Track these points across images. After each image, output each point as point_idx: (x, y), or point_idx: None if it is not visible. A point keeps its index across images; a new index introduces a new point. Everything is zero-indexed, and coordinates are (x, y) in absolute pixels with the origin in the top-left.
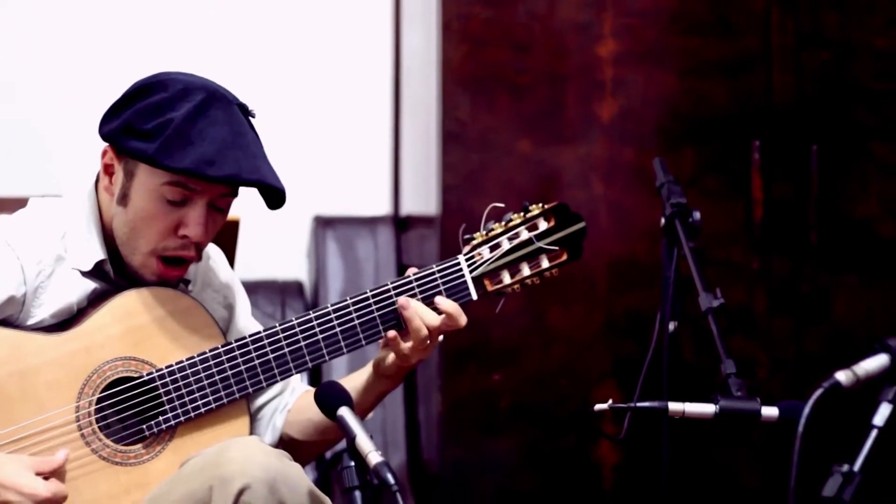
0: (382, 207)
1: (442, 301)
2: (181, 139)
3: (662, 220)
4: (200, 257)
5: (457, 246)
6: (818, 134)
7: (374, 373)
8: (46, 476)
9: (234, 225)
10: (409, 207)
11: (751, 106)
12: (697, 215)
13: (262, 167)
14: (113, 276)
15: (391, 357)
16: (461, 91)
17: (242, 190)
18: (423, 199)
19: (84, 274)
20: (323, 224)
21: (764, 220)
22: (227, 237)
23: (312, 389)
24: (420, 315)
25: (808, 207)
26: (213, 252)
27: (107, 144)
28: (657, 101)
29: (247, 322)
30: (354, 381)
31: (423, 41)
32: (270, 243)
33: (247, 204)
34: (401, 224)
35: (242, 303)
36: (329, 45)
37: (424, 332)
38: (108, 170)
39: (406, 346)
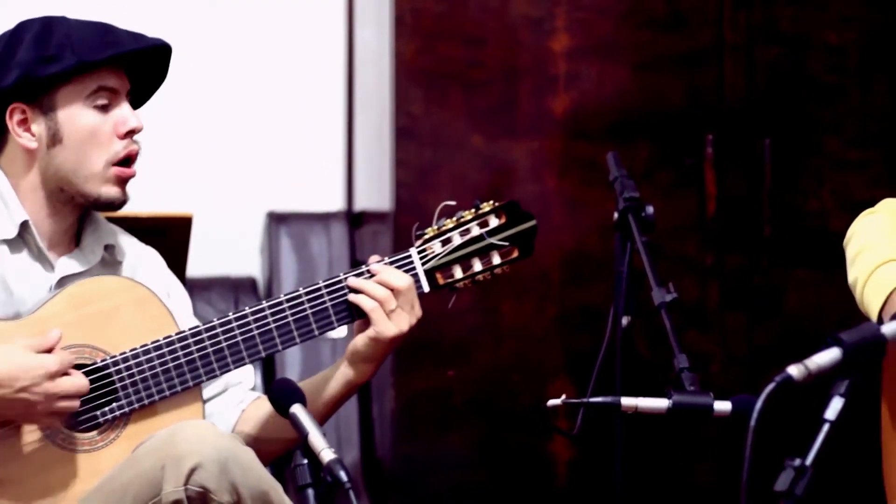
0: (336, 203)
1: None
2: (85, 41)
3: (615, 215)
4: (140, 148)
5: (410, 242)
6: (771, 128)
7: (347, 360)
8: (47, 351)
9: (187, 222)
10: (362, 203)
11: (704, 100)
12: (651, 210)
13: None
14: (38, 242)
15: (363, 337)
16: (414, 86)
17: (194, 184)
18: (376, 194)
19: (9, 243)
20: (276, 220)
21: (717, 215)
22: (180, 234)
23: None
24: (368, 292)
25: (761, 202)
26: (149, 250)
27: (12, 104)
28: (610, 95)
29: (187, 321)
30: (324, 373)
31: (376, 36)
32: (223, 240)
33: (199, 201)
34: (354, 220)
35: (182, 302)
36: (282, 40)
37: (372, 303)
38: (23, 125)
39: (372, 327)
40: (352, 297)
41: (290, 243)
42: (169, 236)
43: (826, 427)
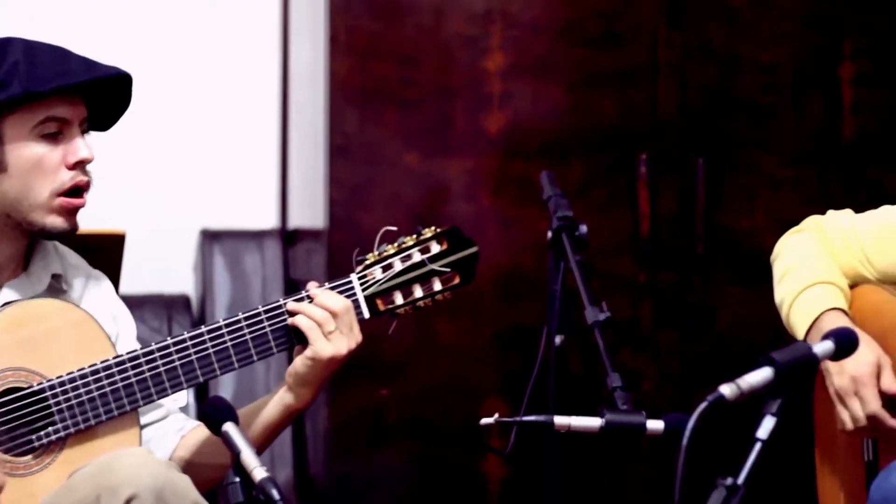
0: (270, 221)
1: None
2: (35, 69)
3: (549, 234)
4: (91, 180)
5: (344, 260)
6: (704, 147)
7: (286, 385)
8: None
9: (120, 239)
10: (296, 221)
11: (638, 119)
12: (584, 228)
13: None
14: None
15: (301, 358)
16: (348, 104)
17: (127, 202)
18: (310, 212)
19: None
20: (210, 237)
21: (650, 233)
22: (113, 251)
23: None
24: (306, 312)
25: (694, 220)
26: (96, 273)
27: None
28: (545, 114)
29: (132, 344)
30: (263, 399)
31: (311, 54)
32: (156, 257)
33: (132, 218)
34: (288, 238)
35: (128, 325)
36: (216, 57)
37: (310, 323)
38: None
39: (310, 347)
40: (290, 318)
41: (223, 261)
42: (101, 254)
43: (758, 446)
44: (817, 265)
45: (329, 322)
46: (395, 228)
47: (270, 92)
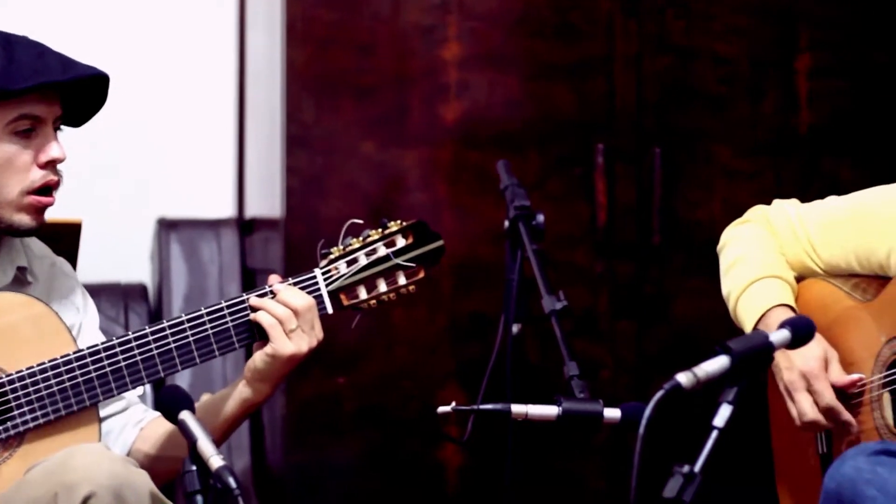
0: (226, 210)
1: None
2: (12, 65)
3: (506, 223)
4: (61, 179)
5: (301, 249)
6: (661, 138)
7: (245, 380)
8: None
9: (77, 227)
10: (253, 210)
11: (594, 110)
12: (541, 218)
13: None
14: None
15: (261, 354)
16: (305, 93)
17: (83, 190)
18: (267, 201)
19: None
20: (166, 226)
21: (607, 223)
22: (69, 240)
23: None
24: (268, 309)
25: (650, 211)
26: (60, 261)
27: None
28: (502, 104)
29: (95, 333)
30: (221, 392)
31: (268, 43)
32: (113, 246)
33: (89, 207)
34: (245, 227)
35: (91, 313)
36: (172, 46)
37: (271, 320)
38: None
39: (270, 344)
40: (252, 314)
41: (180, 250)
42: (58, 242)
43: (714, 434)
44: (764, 258)
45: (291, 320)
46: (360, 221)
47: (227, 81)
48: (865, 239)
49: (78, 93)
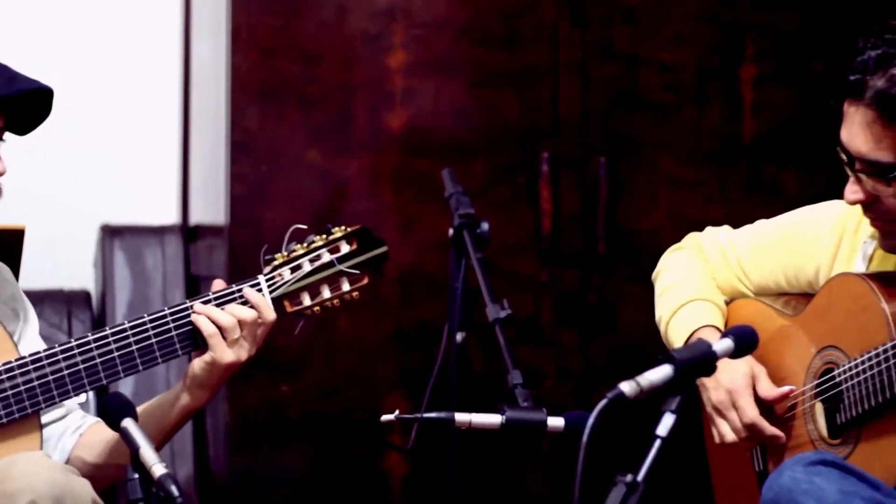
0: (170, 217)
1: (247, 293)
2: None
3: (451, 231)
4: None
5: (245, 256)
6: (606, 146)
7: (184, 386)
8: None
9: (20, 234)
10: (197, 217)
11: (540, 118)
12: (486, 226)
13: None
14: None
15: (200, 362)
16: (250, 101)
17: (26, 196)
18: (211, 208)
19: None
20: (110, 233)
21: (552, 232)
22: (12, 246)
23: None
24: (212, 317)
25: (595, 219)
26: (1, 268)
27: None
28: (447, 112)
29: (35, 341)
30: (160, 399)
31: (213, 50)
32: (56, 252)
33: (32, 213)
34: (189, 234)
35: (32, 320)
36: (117, 52)
37: (213, 329)
38: None
39: (209, 352)
40: (194, 317)
41: (124, 257)
42: (0, 248)
43: (657, 443)
44: (694, 283)
45: (235, 330)
46: (304, 227)
47: (172, 88)
48: (793, 259)
49: (22, 105)
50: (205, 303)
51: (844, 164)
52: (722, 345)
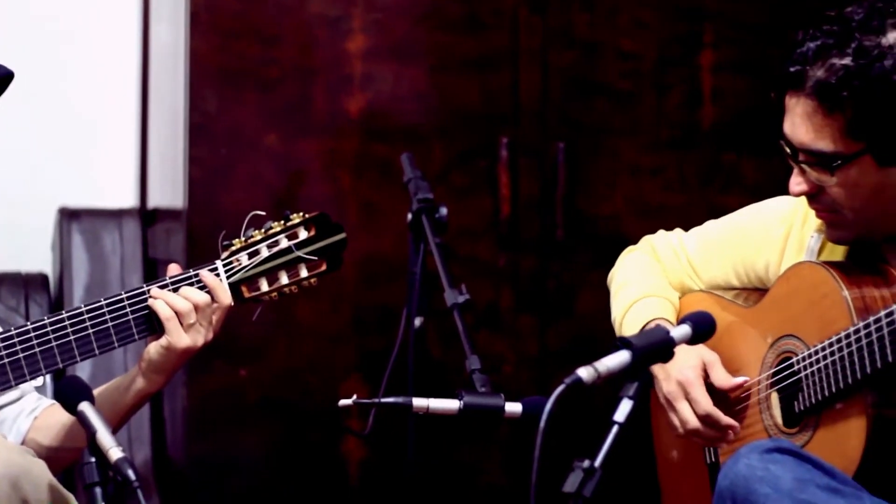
0: (129, 200)
1: (204, 276)
2: None
3: (409, 216)
4: None
5: (203, 240)
6: (565, 132)
7: (140, 370)
8: None
9: None
10: (155, 200)
11: (499, 103)
12: (444, 211)
13: None
14: None
15: (156, 346)
16: (209, 84)
17: None
18: (169, 192)
19: None
20: (68, 216)
21: (511, 217)
22: None
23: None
24: (168, 301)
25: (554, 205)
26: None
27: None
28: (406, 96)
29: None
30: (116, 382)
31: (171, 32)
32: (14, 235)
33: None
34: (147, 217)
35: None
36: (75, 34)
37: (169, 312)
38: None
39: (165, 336)
40: (151, 301)
41: (81, 240)
42: None
43: (615, 429)
44: (646, 280)
45: (191, 314)
46: (263, 213)
47: (130, 70)
48: (742, 256)
49: None
50: (161, 287)
51: (788, 156)
52: (680, 331)
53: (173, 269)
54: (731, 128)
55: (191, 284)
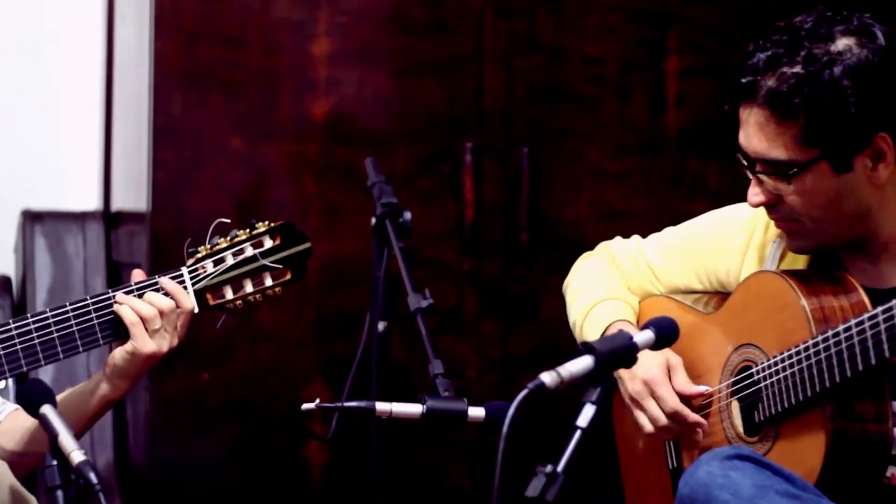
0: (92, 203)
1: (163, 282)
2: None
3: (373, 220)
4: None
5: (167, 244)
6: (529, 137)
7: (104, 375)
8: None
9: None
10: (119, 203)
11: (463, 107)
12: (408, 215)
13: None
14: None
15: (121, 351)
16: (173, 86)
17: None
18: (133, 195)
19: None
20: (31, 218)
21: (475, 222)
22: None
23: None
24: (133, 307)
25: (518, 209)
26: None
27: None
28: (371, 100)
29: None
30: (80, 387)
31: (136, 35)
32: None
33: None
34: (111, 220)
35: None
36: (39, 35)
37: (135, 318)
38: None
39: (130, 342)
40: (116, 307)
41: (45, 242)
42: None
43: (578, 434)
44: (605, 284)
45: (156, 320)
46: (228, 221)
47: (94, 73)
48: (703, 262)
49: None
50: (127, 293)
51: (744, 167)
52: (643, 336)
53: (137, 275)
54: (696, 133)
55: (156, 290)
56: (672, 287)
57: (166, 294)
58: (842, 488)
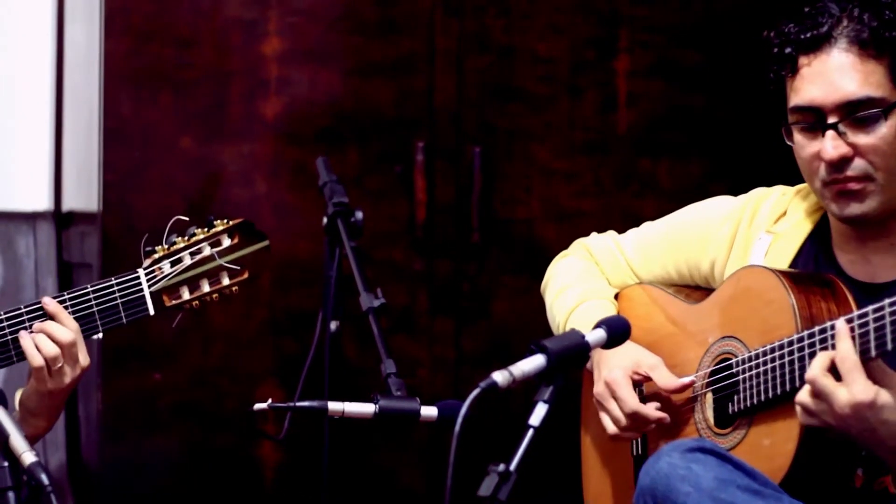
0: (43, 203)
1: (45, 302)
2: None
3: (325, 220)
4: None
5: (118, 243)
6: (481, 136)
7: (20, 416)
8: None
9: None
10: (70, 203)
11: (414, 107)
12: (360, 215)
13: None
14: None
15: (27, 394)
16: (123, 86)
17: None
18: (84, 195)
19: None
20: None
21: (426, 221)
22: None
23: None
24: (41, 347)
25: (469, 209)
26: None
27: None
28: (322, 100)
29: None
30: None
31: (86, 35)
32: None
33: None
34: (62, 220)
35: None
36: None
37: (39, 360)
38: None
39: (32, 384)
40: (25, 346)
41: None
42: None
43: (530, 433)
44: (587, 284)
45: (58, 359)
46: (186, 218)
47: (44, 72)
48: (686, 256)
49: None
50: (13, 317)
51: (808, 128)
52: (595, 335)
53: (48, 305)
54: (647, 132)
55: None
56: (651, 282)
57: (51, 317)
58: (809, 485)
